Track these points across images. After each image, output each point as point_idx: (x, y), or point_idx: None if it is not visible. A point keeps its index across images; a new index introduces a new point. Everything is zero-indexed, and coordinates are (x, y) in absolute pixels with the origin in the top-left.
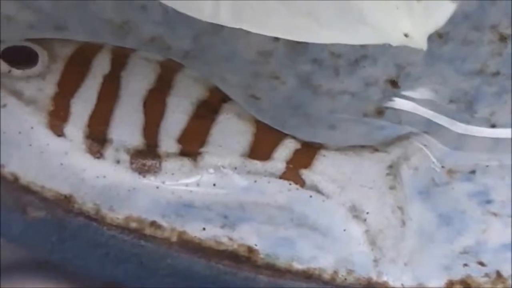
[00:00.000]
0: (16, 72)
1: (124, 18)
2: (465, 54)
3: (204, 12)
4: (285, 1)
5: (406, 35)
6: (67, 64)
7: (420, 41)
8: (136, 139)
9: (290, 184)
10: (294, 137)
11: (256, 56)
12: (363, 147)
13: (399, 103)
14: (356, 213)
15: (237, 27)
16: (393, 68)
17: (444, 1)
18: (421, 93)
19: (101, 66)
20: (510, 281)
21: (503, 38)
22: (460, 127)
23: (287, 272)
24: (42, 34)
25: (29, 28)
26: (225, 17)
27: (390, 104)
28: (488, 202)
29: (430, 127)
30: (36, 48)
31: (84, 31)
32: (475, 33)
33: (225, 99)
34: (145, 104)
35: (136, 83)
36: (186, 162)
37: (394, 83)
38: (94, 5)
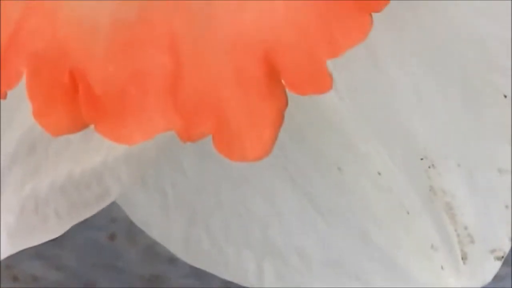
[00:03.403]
0: None
1: (153, 272)
2: None
3: (249, 279)
4: (332, 265)
5: None
6: None
7: None
8: None
9: None
10: None
11: None
12: None
13: None
14: None
15: None
16: None
17: (490, 260)
18: None
19: None
20: None
21: None
22: None
23: None
24: None
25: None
26: (270, 283)
27: None
28: None
29: None
30: None
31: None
32: (505, 268)
33: None
34: None
35: None
36: None
37: None
38: (122, 260)
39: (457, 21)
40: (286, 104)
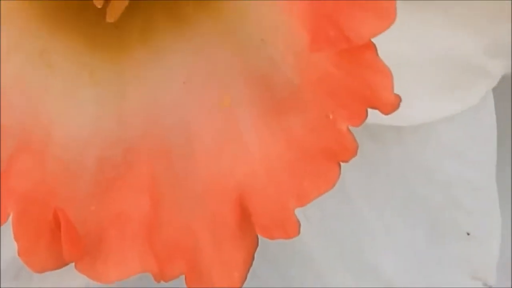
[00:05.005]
0: None
1: None
2: None
3: None
4: None
5: None
6: None
7: None
8: None
9: None
10: None
11: None
12: None
13: None
14: None
15: None
16: None
17: None
18: None
19: None
20: None
21: None
22: None
23: None
24: None
25: None
26: None
27: None
28: None
29: None
30: None
31: None
32: None
33: None
34: None
35: None
36: None
37: None
38: None
39: (426, 162)
40: (257, 245)
